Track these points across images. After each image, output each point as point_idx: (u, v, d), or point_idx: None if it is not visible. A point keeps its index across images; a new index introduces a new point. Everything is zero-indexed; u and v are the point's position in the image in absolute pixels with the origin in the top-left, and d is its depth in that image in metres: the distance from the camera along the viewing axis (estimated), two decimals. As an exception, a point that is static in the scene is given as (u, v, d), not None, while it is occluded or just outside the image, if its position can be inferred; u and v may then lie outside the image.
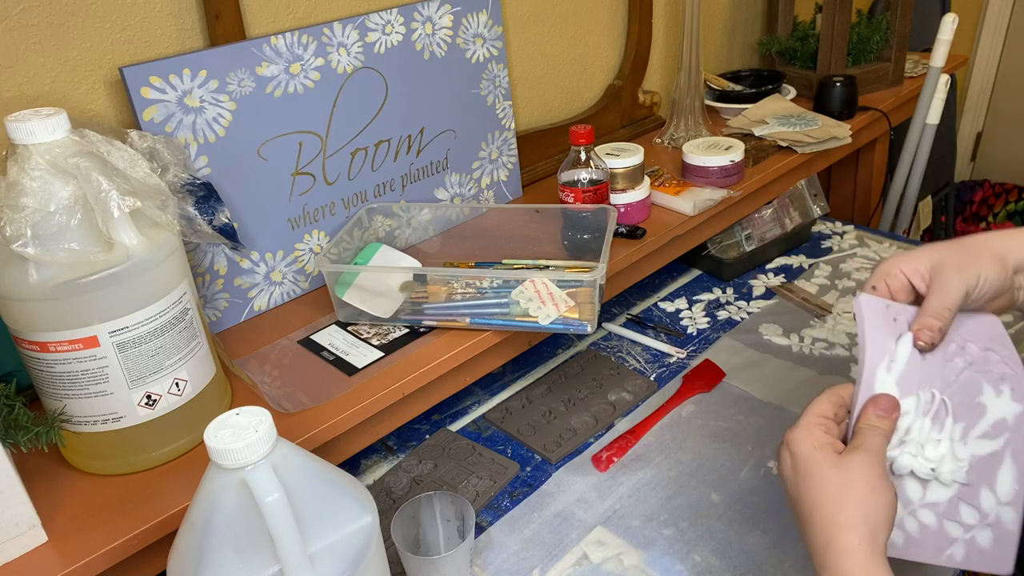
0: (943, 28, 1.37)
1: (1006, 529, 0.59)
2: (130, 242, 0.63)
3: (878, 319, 0.60)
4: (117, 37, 0.80)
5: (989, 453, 0.59)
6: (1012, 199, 2.54)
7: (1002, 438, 0.59)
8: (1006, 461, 0.59)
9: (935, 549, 0.59)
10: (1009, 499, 0.59)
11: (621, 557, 0.75)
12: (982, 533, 0.59)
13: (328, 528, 0.52)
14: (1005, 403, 0.60)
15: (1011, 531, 0.59)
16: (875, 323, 0.59)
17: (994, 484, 0.59)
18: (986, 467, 0.59)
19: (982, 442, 0.59)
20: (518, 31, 1.17)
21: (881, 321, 0.60)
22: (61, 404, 0.65)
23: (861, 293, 0.61)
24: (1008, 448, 0.59)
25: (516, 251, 0.98)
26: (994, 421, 0.59)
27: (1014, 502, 0.59)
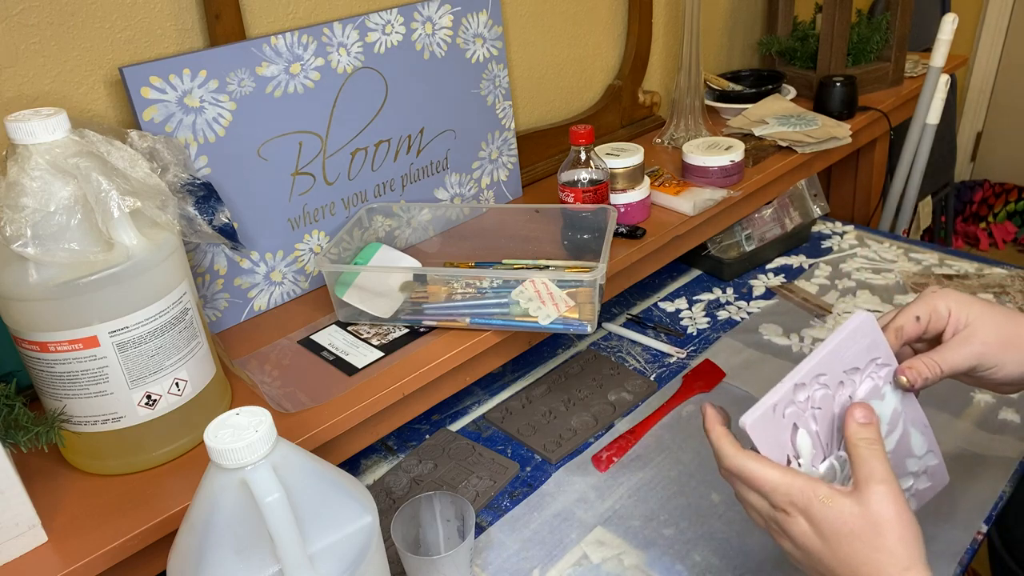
0: (943, 28, 1.37)
1: (933, 465, 0.66)
2: (130, 242, 0.63)
3: (768, 432, 0.57)
4: (117, 37, 0.80)
5: (898, 440, 0.63)
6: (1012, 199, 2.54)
7: (900, 422, 0.63)
8: (911, 432, 0.64)
9: None
10: (926, 450, 0.65)
11: (621, 557, 0.75)
12: (920, 480, 0.66)
13: (328, 528, 0.52)
14: (889, 399, 0.62)
15: (937, 464, 0.66)
16: (767, 438, 0.57)
17: (911, 451, 0.64)
18: (901, 448, 0.64)
19: (890, 439, 0.63)
20: (518, 31, 1.17)
21: (772, 432, 0.58)
22: (61, 404, 0.65)
23: (747, 416, 0.57)
24: (907, 423, 0.64)
25: (516, 251, 0.98)
26: (889, 419, 0.63)
27: (930, 447, 0.65)
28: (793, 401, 0.59)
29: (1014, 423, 0.87)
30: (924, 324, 0.63)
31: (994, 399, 0.91)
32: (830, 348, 0.60)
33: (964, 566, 0.72)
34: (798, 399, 0.59)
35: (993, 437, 0.86)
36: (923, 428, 0.65)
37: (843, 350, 0.60)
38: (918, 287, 1.13)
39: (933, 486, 0.67)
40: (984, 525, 0.75)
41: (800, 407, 0.59)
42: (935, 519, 0.76)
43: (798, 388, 0.59)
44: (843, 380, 0.61)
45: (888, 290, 1.14)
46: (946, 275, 1.15)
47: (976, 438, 0.86)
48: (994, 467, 0.82)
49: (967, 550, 0.73)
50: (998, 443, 0.85)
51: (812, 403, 0.59)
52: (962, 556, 0.73)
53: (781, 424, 0.58)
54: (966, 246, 2.60)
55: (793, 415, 0.59)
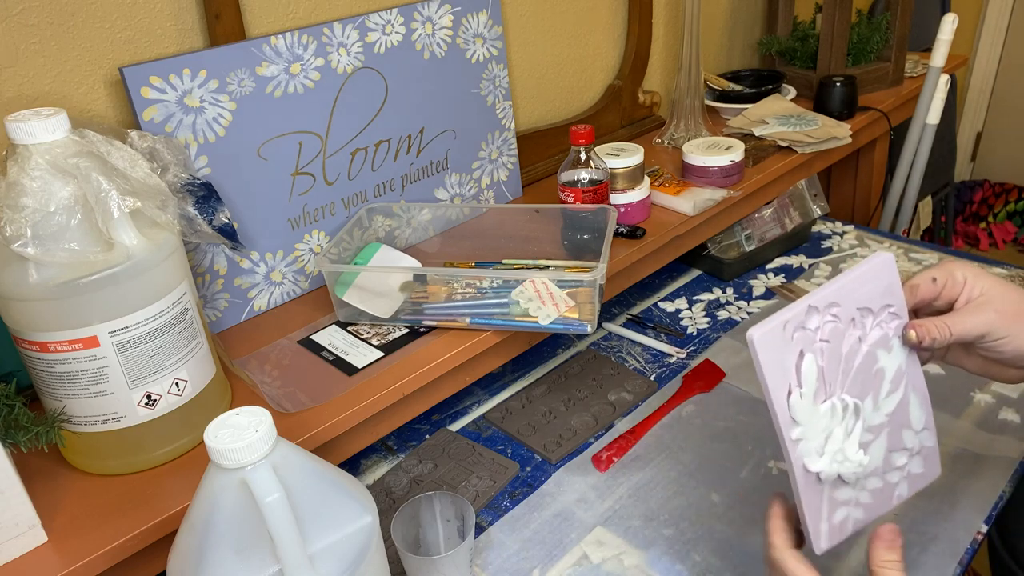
0: (943, 28, 1.37)
1: (928, 447, 0.64)
2: (130, 242, 0.63)
3: (774, 351, 0.57)
4: (117, 37, 0.80)
5: (898, 403, 0.62)
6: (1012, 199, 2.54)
7: (902, 384, 0.62)
8: (911, 399, 0.62)
9: (886, 500, 0.63)
10: (923, 426, 0.63)
11: (621, 557, 0.75)
12: (914, 462, 0.64)
13: (328, 528, 0.52)
14: (896, 354, 0.61)
15: (932, 446, 0.64)
16: (770, 355, 0.57)
17: (909, 422, 0.63)
18: (899, 414, 0.62)
19: (890, 399, 0.62)
20: (518, 31, 1.17)
21: (778, 351, 0.57)
22: (61, 404, 0.65)
23: (756, 328, 0.56)
24: (908, 388, 0.62)
25: (516, 251, 0.98)
26: (892, 376, 0.61)
27: (927, 424, 0.64)
28: (804, 326, 0.57)
29: (1014, 423, 0.87)
30: (939, 287, 0.63)
31: (994, 399, 0.91)
32: (848, 279, 0.59)
33: (964, 566, 0.72)
34: (809, 324, 0.58)
35: (993, 437, 0.86)
36: (923, 399, 0.63)
37: (859, 285, 0.59)
38: (918, 287, 1.13)
39: (925, 474, 0.65)
40: (984, 525, 0.75)
41: (809, 334, 0.58)
42: (935, 519, 0.76)
43: (811, 311, 0.57)
44: (855, 318, 0.59)
45: (888, 290, 1.14)
46: (946, 275, 1.15)
47: (976, 438, 0.86)
48: (994, 467, 0.82)
49: (967, 550, 0.73)
50: (998, 443, 0.85)
51: (821, 334, 0.58)
52: (962, 556, 0.73)
53: (789, 346, 0.57)
54: (966, 246, 2.60)
55: (801, 340, 0.57)
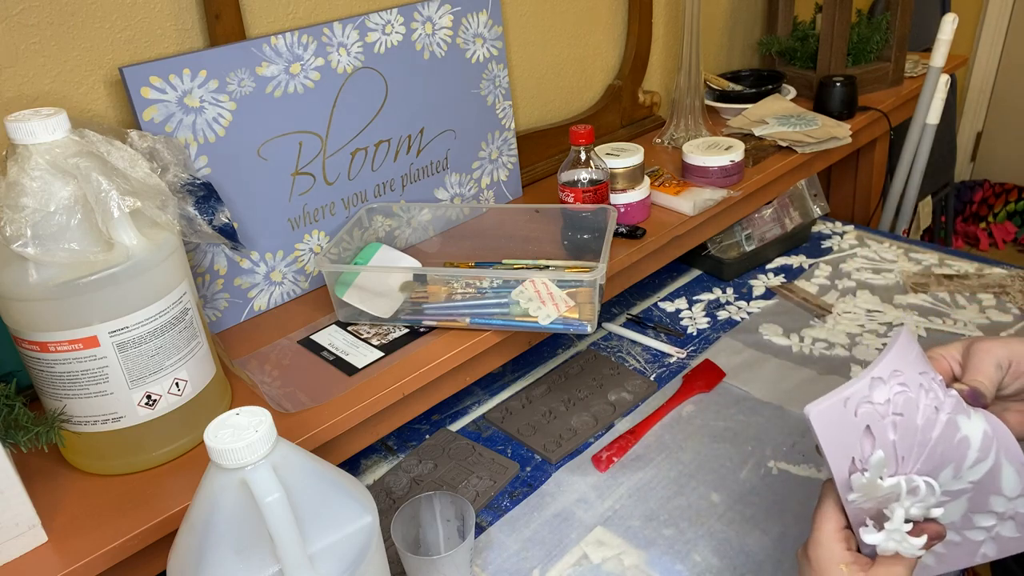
0: (943, 28, 1.37)
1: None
2: (130, 242, 0.63)
3: (836, 428, 0.54)
4: (117, 37, 0.80)
5: (987, 471, 0.57)
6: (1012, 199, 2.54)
7: (991, 452, 0.57)
8: (1004, 466, 0.58)
9: (967, 555, 0.59)
10: (1018, 494, 0.58)
11: (621, 557, 0.75)
12: (1004, 525, 0.59)
13: (328, 528, 0.52)
14: (976, 420, 0.57)
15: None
16: (833, 434, 0.54)
17: (1000, 489, 0.58)
18: (987, 480, 0.57)
19: (977, 467, 0.57)
20: (518, 31, 1.17)
21: (841, 429, 0.54)
22: (61, 404, 0.65)
23: (814, 405, 0.54)
24: (1000, 455, 0.57)
25: (516, 251, 0.98)
26: (980, 444, 0.56)
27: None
28: (870, 400, 0.53)
29: None
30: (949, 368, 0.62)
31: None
32: (899, 342, 0.55)
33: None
34: (876, 399, 0.54)
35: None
36: (1020, 467, 0.57)
37: (908, 351, 0.56)
38: (918, 287, 1.13)
39: (1019, 539, 0.59)
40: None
41: (878, 410, 0.54)
42: (935, 519, 0.76)
43: (875, 383, 0.54)
44: (922, 383, 0.55)
45: (888, 290, 1.14)
46: (946, 275, 1.15)
47: None
48: (994, 467, 0.81)
49: (967, 550, 0.73)
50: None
51: (893, 408, 0.54)
52: (962, 556, 0.72)
53: (852, 423, 0.53)
54: (966, 246, 2.60)
55: (868, 415, 0.53)
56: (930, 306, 1.09)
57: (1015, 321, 1.04)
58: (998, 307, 1.07)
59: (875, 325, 1.06)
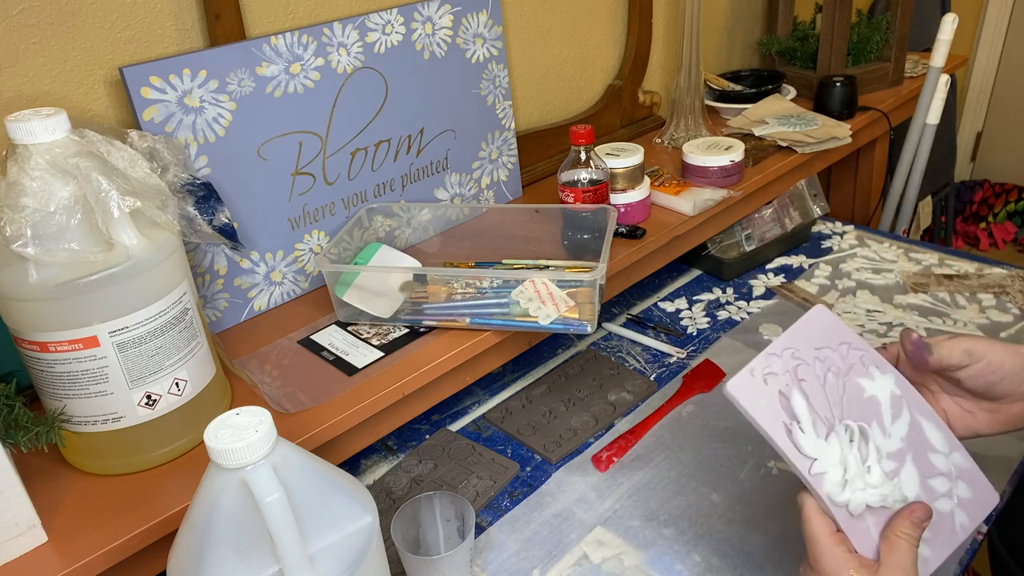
0: (943, 28, 1.37)
1: (966, 468, 0.64)
2: (130, 242, 0.63)
3: (755, 396, 0.59)
4: (117, 37, 0.80)
5: (908, 426, 0.63)
6: (1012, 199, 2.54)
7: (904, 408, 0.63)
8: (923, 423, 0.63)
9: (948, 531, 0.62)
10: (948, 447, 0.64)
11: (621, 557, 0.75)
12: (958, 485, 0.63)
13: (328, 528, 0.52)
14: (882, 381, 0.63)
15: (970, 467, 0.64)
16: (754, 402, 0.59)
17: (931, 445, 0.63)
18: (916, 438, 0.63)
19: (897, 424, 0.63)
20: (518, 31, 1.17)
21: (758, 396, 0.59)
22: (61, 404, 0.65)
23: (728, 381, 0.59)
24: (914, 411, 0.63)
25: (516, 251, 0.98)
26: (890, 401, 0.63)
27: (953, 444, 0.64)
28: (772, 371, 0.60)
29: (1014, 423, 0.87)
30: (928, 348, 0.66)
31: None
32: (794, 328, 0.63)
33: (964, 566, 0.72)
34: (774, 368, 0.60)
35: (993, 437, 0.85)
36: (936, 423, 0.64)
37: (807, 331, 0.63)
38: (918, 287, 1.13)
39: (979, 499, 0.63)
40: (984, 525, 0.75)
41: (781, 378, 0.60)
42: (935, 519, 0.76)
43: (770, 357, 0.61)
44: (818, 357, 0.62)
45: (888, 290, 1.14)
46: (946, 275, 1.15)
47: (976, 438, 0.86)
48: (994, 467, 0.82)
49: (967, 550, 0.73)
50: (998, 443, 0.85)
51: (797, 376, 0.61)
52: (962, 556, 0.73)
53: (765, 390, 0.60)
54: (966, 246, 2.60)
55: (775, 382, 0.60)
56: (930, 306, 1.09)
57: (1015, 321, 1.04)
58: (998, 307, 1.07)
59: (875, 325, 1.06)
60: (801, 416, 0.59)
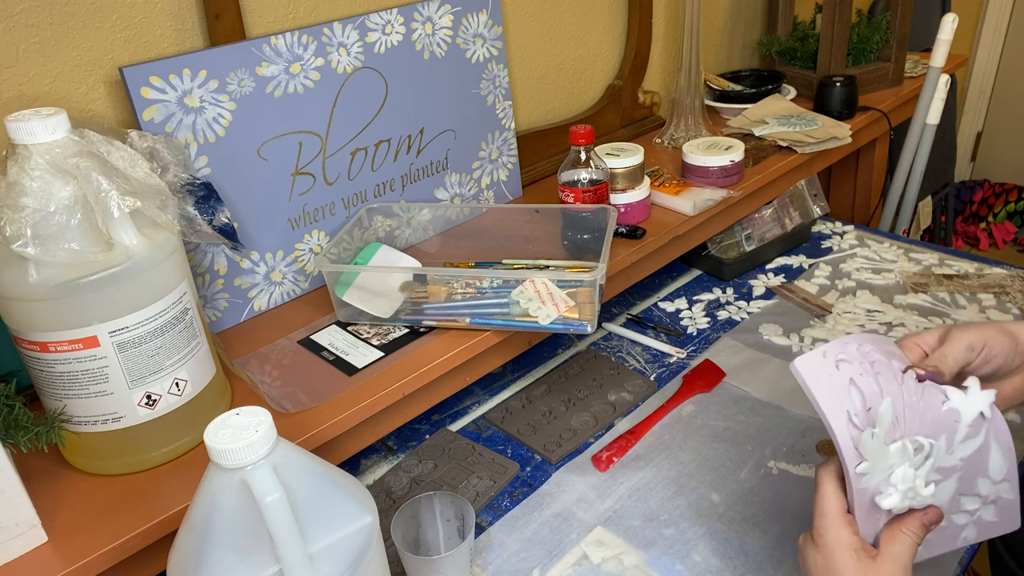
0: (943, 28, 1.37)
1: (1007, 499, 0.61)
2: (130, 242, 0.63)
3: (821, 378, 0.57)
4: (117, 37, 0.80)
5: (976, 449, 0.60)
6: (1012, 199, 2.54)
7: (982, 430, 0.60)
8: (992, 448, 0.60)
9: (951, 539, 0.62)
10: (1002, 477, 0.61)
11: (621, 557, 0.75)
12: (987, 509, 0.61)
13: (328, 528, 0.52)
14: (974, 396, 0.59)
15: (1011, 499, 0.61)
16: (820, 383, 0.57)
17: (987, 471, 0.61)
18: (976, 460, 0.60)
19: (967, 443, 0.59)
20: (518, 31, 1.17)
21: (827, 379, 0.57)
22: (61, 404, 0.65)
23: (796, 358, 0.58)
24: (990, 435, 0.60)
25: (516, 251, 0.98)
26: (971, 420, 0.59)
27: (1008, 477, 0.61)
28: (845, 359, 0.57)
29: (1014, 423, 0.87)
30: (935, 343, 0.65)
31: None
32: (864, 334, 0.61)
33: (964, 566, 0.72)
34: (848, 357, 0.57)
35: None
36: (1007, 451, 0.61)
37: (878, 340, 0.61)
38: (918, 287, 1.13)
39: (999, 524, 0.62)
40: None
41: (855, 367, 0.57)
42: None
43: (846, 345, 0.58)
44: (893, 354, 0.60)
45: (888, 290, 1.14)
46: (946, 275, 1.15)
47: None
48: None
49: (967, 550, 0.73)
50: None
51: (873, 369, 0.57)
52: (962, 556, 0.73)
53: (835, 375, 0.57)
54: (966, 246, 2.60)
55: (848, 369, 0.57)
56: (930, 306, 1.09)
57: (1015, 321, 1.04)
58: (998, 307, 1.07)
59: (875, 325, 1.06)
60: (883, 419, 0.56)
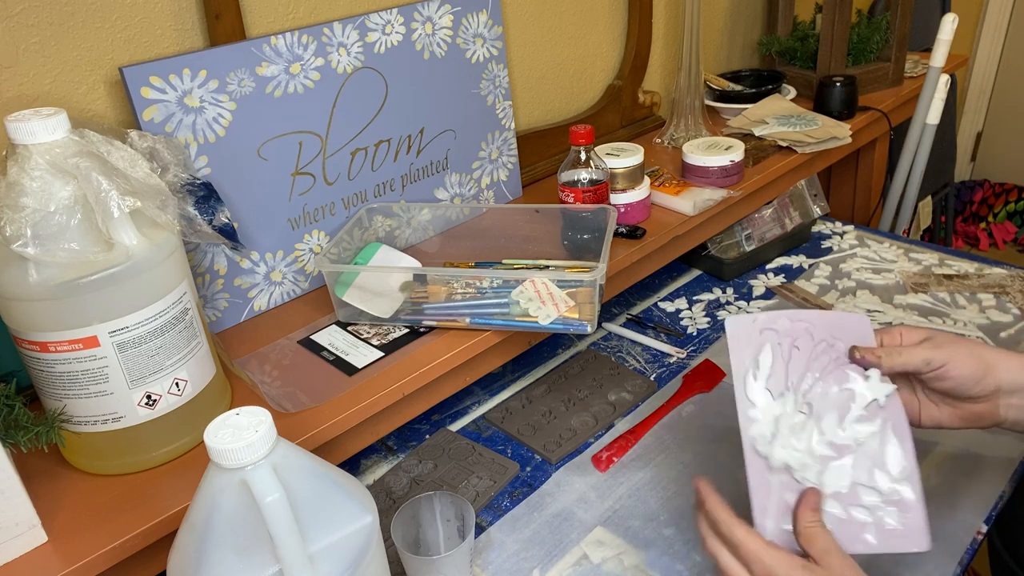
0: (943, 28, 1.37)
1: (908, 504, 0.62)
2: (130, 242, 0.63)
3: (742, 337, 0.67)
4: (117, 37, 0.80)
5: (870, 434, 0.64)
6: (1012, 199, 2.54)
7: (878, 419, 0.64)
8: (890, 440, 0.64)
9: (851, 538, 0.62)
10: (902, 475, 0.63)
11: (621, 557, 0.75)
12: (888, 512, 0.62)
13: (328, 528, 0.52)
14: (874, 385, 0.65)
15: (914, 505, 0.62)
16: (739, 340, 0.67)
17: (884, 464, 0.63)
18: (872, 448, 0.64)
19: (860, 426, 0.64)
20: (518, 31, 1.17)
21: (745, 338, 0.67)
22: (61, 404, 0.65)
23: (729, 316, 0.68)
24: (887, 427, 0.64)
25: (516, 251, 0.98)
26: (867, 404, 0.65)
27: (909, 477, 0.63)
28: (772, 327, 0.66)
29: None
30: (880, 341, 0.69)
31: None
32: (827, 313, 0.68)
33: (964, 566, 0.72)
34: (777, 328, 0.66)
35: (993, 437, 0.86)
36: (906, 450, 0.64)
37: (837, 320, 0.68)
38: (918, 287, 1.13)
39: (905, 536, 0.62)
40: (984, 525, 0.75)
41: (775, 335, 0.66)
42: (935, 519, 0.76)
43: (781, 318, 0.67)
44: (826, 340, 0.66)
45: (888, 290, 1.14)
46: (946, 275, 1.15)
47: (976, 438, 0.86)
48: (994, 467, 0.82)
49: (967, 550, 0.73)
50: (998, 443, 0.85)
51: (793, 339, 0.66)
52: (962, 556, 0.73)
53: (755, 339, 0.66)
54: (966, 246, 2.60)
55: (768, 337, 0.66)
56: (930, 306, 1.09)
57: (1015, 321, 1.04)
58: (998, 307, 1.07)
59: (875, 325, 1.06)
60: (762, 365, 0.65)
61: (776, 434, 0.63)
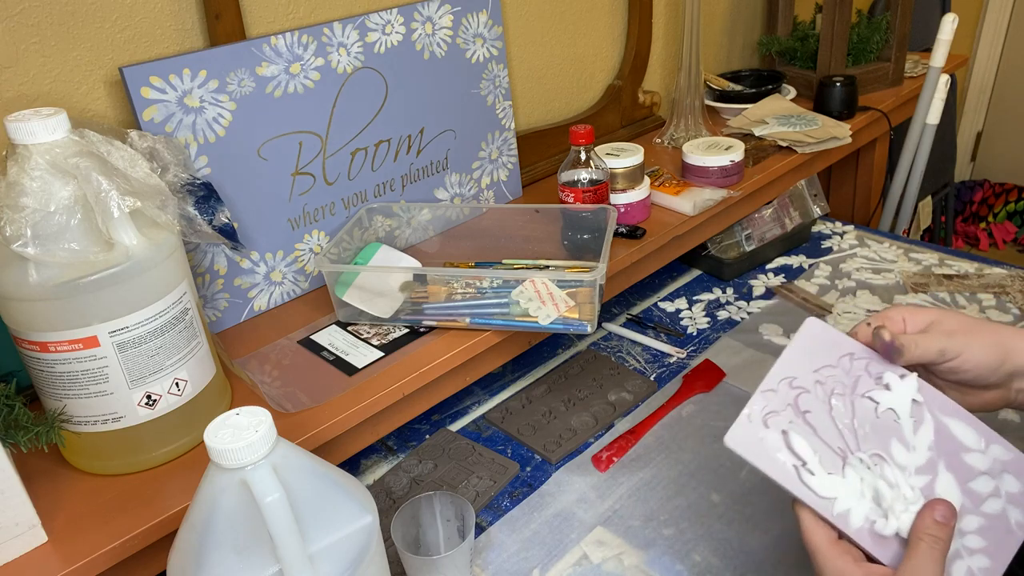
0: (943, 28, 1.37)
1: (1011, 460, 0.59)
2: (130, 242, 0.63)
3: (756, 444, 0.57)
4: (117, 37, 0.80)
5: (934, 431, 0.59)
6: (1012, 199, 2.54)
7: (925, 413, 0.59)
8: (948, 422, 0.59)
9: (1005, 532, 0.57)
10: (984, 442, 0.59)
11: (621, 557, 0.75)
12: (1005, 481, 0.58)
13: (328, 528, 0.52)
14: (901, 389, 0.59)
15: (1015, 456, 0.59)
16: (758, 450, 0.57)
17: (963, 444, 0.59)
18: (943, 441, 0.59)
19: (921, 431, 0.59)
20: (518, 31, 1.17)
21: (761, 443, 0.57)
22: (61, 404, 0.65)
23: (727, 433, 0.57)
24: (937, 414, 0.59)
25: (516, 251, 0.98)
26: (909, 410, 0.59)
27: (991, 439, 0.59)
28: (771, 410, 0.58)
29: (1014, 423, 0.87)
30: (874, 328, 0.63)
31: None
32: (787, 353, 0.60)
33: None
34: (774, 407, 0.58)
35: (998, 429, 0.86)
36: (965, 418, 0.59)
37: (802, 354, 0.60)
38: (918, 287, 1.13)
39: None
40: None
41: (784, 415, 0.58)
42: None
43: (767, 394, 0.58)
44: (819, 380, 0.59)
45: (888, 290, 1.14)
46: (946, 275, 1.15)
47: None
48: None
49: (967, 550, 0.73)
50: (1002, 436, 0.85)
51: (799, 409, 0.58)
52: (962, 556, 0.72)
53: (766, 434, 0.57)
54: (966, 246, 2.60)
55: (779, 422, 0.57)
56: (930, 306, 1.09)
57: (1015, 321, 1.04)
58: (998, 307, 1.07)
59: (875, 325, 1.06)
60: (806, 457, 0.56)
61: (884, 506, 0.55)
